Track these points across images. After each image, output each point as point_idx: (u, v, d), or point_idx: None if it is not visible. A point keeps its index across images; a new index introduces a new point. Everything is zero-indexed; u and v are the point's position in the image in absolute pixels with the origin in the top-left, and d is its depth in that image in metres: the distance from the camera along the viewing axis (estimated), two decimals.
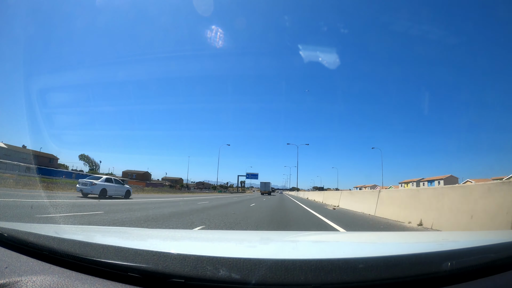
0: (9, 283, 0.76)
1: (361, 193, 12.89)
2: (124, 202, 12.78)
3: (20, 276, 0.79)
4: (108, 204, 10.53)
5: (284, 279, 0.72)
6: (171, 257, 0.79)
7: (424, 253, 0.89)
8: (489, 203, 4.20)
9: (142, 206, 10.45)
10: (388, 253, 0.97)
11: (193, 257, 0.78)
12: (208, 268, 0.75)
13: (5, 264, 0.86)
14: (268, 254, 1.11)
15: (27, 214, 5.77)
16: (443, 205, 5.28)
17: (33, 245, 0.95)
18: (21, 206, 7.21)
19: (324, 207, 13.46)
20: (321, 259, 0.78)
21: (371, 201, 9.39)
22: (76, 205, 9.34)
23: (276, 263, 0.75)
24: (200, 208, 11.26)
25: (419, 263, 0.81)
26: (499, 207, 3.97)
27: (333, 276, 0.73)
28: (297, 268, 0.73)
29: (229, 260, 0.77)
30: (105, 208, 8.64)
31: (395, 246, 1.39)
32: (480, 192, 4.50)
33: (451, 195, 5.24)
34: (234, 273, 0.73)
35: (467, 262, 0.84)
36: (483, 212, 4.26)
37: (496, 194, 4.14)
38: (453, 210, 4.96)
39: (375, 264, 0.77)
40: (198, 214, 8.38)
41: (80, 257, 0.86)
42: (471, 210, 4.51)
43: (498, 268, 0.87)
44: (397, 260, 0.81)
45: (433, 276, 0.80)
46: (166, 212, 8.83)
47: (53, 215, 6.36)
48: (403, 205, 7.13)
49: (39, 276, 0.79)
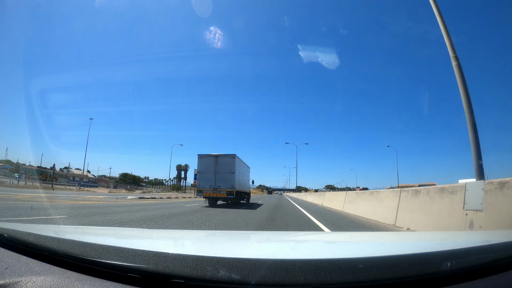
0: (9, 284, 0.76)
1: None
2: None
3: (20, 277, 0.79)
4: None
5: (284, 279, 0.72)
6: (171, 257, 0.79)
7: (424, 253, 0.89)
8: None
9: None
10: (388, 253, 0.98)
11: (193, 258, 0.78)
12: (208, 269, 0.75)
13: (5, 265, 0.86)
14: (267, 254, 1.11)
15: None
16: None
17: (33, 245, 0.95)
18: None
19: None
20: (321, 259, 0.77)
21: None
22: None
23: (276, 263, 0.75)
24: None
25: (419, 263, 0.81)
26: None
27: (333, 276, 0.73)
28: (297, 268, 0.73)
29: (229, 260, 0.76)
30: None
31: (395, 246, 1.38)
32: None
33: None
34: (234, 273, 0.73)
35: (467, 262, 0.84)
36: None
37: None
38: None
39: (375, 264, 0.77)
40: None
41: (80, 257, 0.86)
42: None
43: (498, 268, 0.87)
44: (397, 260, 0.81)
45: (433, 276, 0.79)
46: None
47: None
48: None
49: (39, 276, 0.79)
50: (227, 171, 12.91)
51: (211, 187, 12.64)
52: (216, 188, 12.66)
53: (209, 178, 12.79)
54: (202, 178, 12.97)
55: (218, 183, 12.68)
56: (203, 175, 13.02)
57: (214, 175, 12.81)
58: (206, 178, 12.86)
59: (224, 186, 12.61)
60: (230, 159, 13.16)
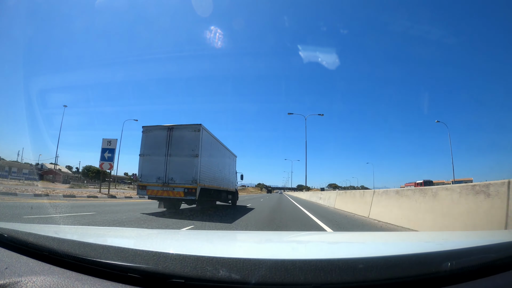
0: (9, 284, 0.76)
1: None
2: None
3: (20, 277, 0.79)
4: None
5: (284, 279, 0.72)
6: (171, 257, 0.79)
7: (424, 253, 0.89)
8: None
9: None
10: (388, 253, 0.97)
11: (193, 257, 0.78)
12: (208, 269, 0.75)
13: (5, 265, 0.86)
14: (267, 254, 1.11)
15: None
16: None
17: (33, 245, 0.95)
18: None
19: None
20: (321, 259, 0.78)
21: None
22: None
23: (276, 263, 0.75)
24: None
25: (419, 263, 0.81)
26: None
27: (333, 276, 0.73)
28: (297, 268, 0.73)
29: (229, 260, 0.77)
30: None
31: (395, 246, 1.38)
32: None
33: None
34: (234, 273, 0.73)
35: (467, 262, 0.84)
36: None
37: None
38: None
39: (375, 264, 0.77)
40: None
41: (80, 257, 0.86)
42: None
43: (498, 268, 0.87)
44: (397, 260, 0.81)
45: (433, 276, 0.80)
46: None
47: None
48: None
49: (39, 276, 0.79)
50: (186, 153, 7.86)
51: (160, 180, 7.84)
52: (166, 183, 7.78)
53: (157, 166, 7.94)
54: (147, 166, 8.11)
55: (171, 174, 7.81)
56: (149, 160, 8.12)
57: (165, 160, 7.92)
58: (152, 166, 8.04)
59: (179, 180, 7.74)
60: (193, 133, 7.96)
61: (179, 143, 8.02)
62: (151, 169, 8.07)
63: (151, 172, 8.04)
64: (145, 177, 8.10)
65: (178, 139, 8.05)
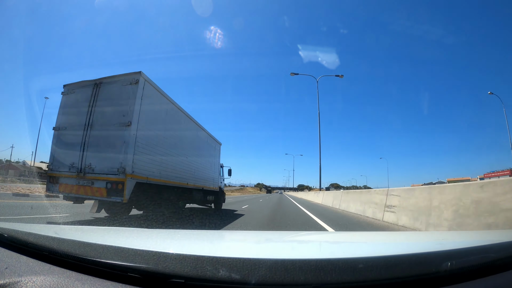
0: (9, 284, 0.76)
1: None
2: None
3: (20, 277, 0.79)
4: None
5: (284, 279, 0.72)
6: (171, 257, 0.79)
7: (424, 253, 0.89)
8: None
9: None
10: (388, 253, 0.98)
11: (193, 257, 0.78)
12: (208, 268, 0.75)
13: (5, 265, 0.86)
14: (268, 254, 1.11)
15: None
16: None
17: (33, 245, 0.95)
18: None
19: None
20: (321, 259, 0.78)
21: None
22: None
23: (276, 263, 0.75)
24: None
25: (419, 263, 0.81)
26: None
27: (333, 276, 0.73)
28: (297, 268, 0.73)
29: (229, 260, 0.77)
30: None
31: (395, 246, 1.38)
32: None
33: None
34: (234, 273, 0.73)
35: (467, 262, 0.84)
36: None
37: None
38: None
39: (375, 264, 0.77)
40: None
41: (80, 257, 0.86)
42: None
43: (498, 268, 0.87)
44: (397, 260, 0.81)
45: (433, 276, 0.80)
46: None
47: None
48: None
49: (39, 276, 0.79)
50: (113, 121, 5.03)
51: (73, 168, 5.13)
52: (82, 172, 5.02)
53: (74, 146, 5.22)
54: (61, 146, 5.42)
55: (90, 159, 5.05)
56: (65, 136, 5.43)
57: (83, 135, 5.18)
58: (68, 146, 5.34)
59: (100, 167, 4.95)
60: (126, 88, 5.10)
61: (106, 107, 5.14)
62: (66, 150, 5.29)
63: (66, 156, 5.23)
64: (56, 164, 5.30)
65: (106, 101, 5.19)
